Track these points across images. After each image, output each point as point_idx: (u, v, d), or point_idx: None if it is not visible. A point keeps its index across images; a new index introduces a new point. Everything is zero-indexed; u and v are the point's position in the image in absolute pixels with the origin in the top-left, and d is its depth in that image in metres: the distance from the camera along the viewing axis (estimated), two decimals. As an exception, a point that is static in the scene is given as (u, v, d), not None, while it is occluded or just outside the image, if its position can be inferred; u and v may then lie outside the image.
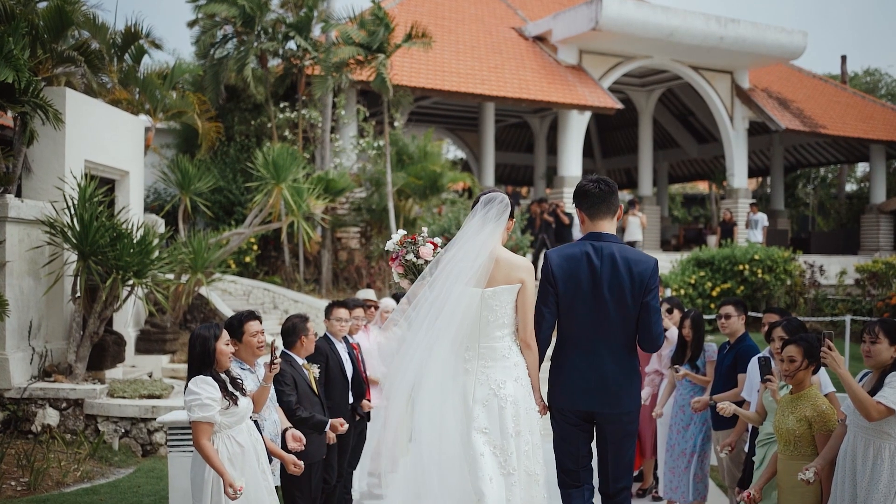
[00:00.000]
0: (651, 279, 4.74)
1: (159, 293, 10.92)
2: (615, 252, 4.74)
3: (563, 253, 4.82)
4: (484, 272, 4.51)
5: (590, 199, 4.86)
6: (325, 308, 7.18)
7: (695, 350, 7.44)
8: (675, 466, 7.44)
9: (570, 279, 4.70)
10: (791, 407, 5.19)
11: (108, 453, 9.58)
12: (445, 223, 17.39)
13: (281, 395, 6.04)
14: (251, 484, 4.94)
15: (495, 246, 4.63)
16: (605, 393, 4.72)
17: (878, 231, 28.02)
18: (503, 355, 4.60)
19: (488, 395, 4.53)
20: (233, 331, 5.35)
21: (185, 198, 14.25)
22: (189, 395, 4.75)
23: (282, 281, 17.74)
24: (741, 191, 25.67)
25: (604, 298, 4.68)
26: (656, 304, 4.83)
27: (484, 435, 4.48)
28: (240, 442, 4.93)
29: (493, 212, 4.62)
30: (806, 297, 18.13)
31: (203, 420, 4.70)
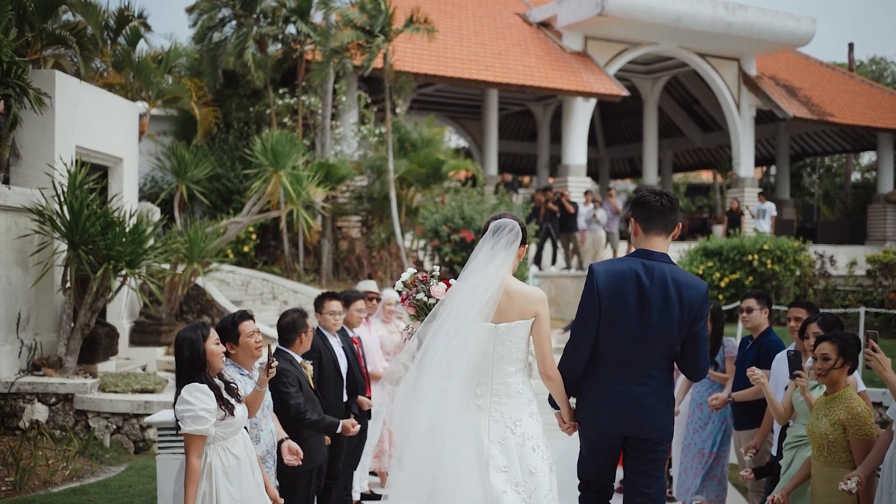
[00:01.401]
0: (702, 307, 4.42)
1: (153, 284, 10.55)
2: (667, 274, 4.41)
3: (610, 269, 4.48)
4: (493, 305, 4.24)
5: (648, 212, 4.54)
6: (314, 300, 6.73)
7: (714, 344, 7.08)
8: (691, 466, 7.09)
9: (616, 297, 4.39)
10: (825, 409, 4.82)
11: (99, 450, 9.23)
12: (448, 212, 17.01)
13: (287, 398, 5.67)
14: (248, 499, 4.59)
15: (506, 277, 4.34)
16: (640, 418, 4.42)
17: (886, 221, 27.64)
18: (517, 391, 4.33)
19: (505, 433, 4.27)
20: (227, 334, 4.96)
21: (182, 185, 13.88)
22: (182, 405, 4.37)
23: (281, 271, 17.38)
24: (747, 180, 25.32)
25: (650, 321, 4.38)
26: (705, 333, 4.52)
27: (504, 474, 4.20)
28: (235, 454, 4.57)
29: (503, 241, 4.34)
30: (816, 288, 17.74)
31: (196, 433, 4.34)
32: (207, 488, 4.43)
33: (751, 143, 25.38)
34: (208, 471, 4.44)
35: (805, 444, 5.29)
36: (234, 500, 4.48)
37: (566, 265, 20.00)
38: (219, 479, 4.45)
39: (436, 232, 16.91)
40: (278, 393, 5.68)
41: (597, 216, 19.69)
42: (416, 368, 4.31)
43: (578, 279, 19.01)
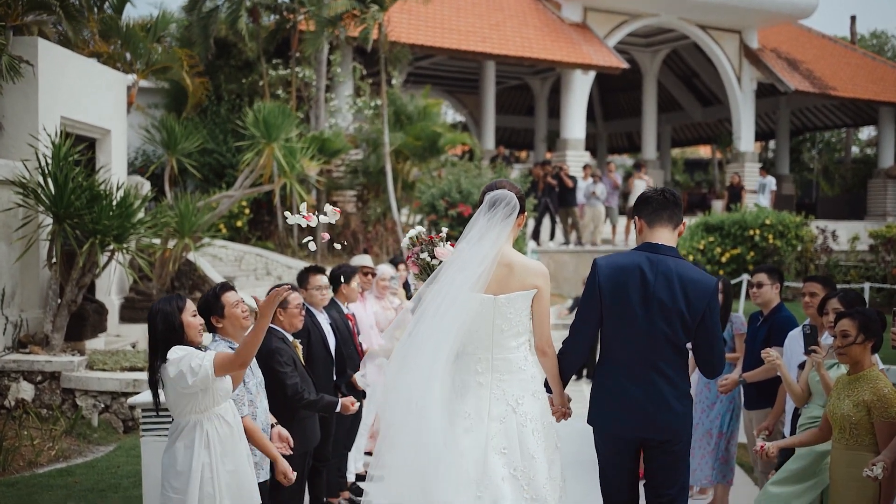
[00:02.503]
0: (710, 304, 4.23)
1: (142, 259, 10.26)
2: (672, 268, 4.23)
3: (613, 263, 4.30)
4: (487, 276, 4.04)
5: (651, 206, 4.37)
6: (297, 275, 6.41)
7: (723, 318, 6.82)
8: (698, 447, 6.83)
9: (619, 292, 4.22)
10: (847, 390, 4.56)
11: (87, 430, 8.97)
12: (446, 186, 16.72)
13: (283, 378, 5.40)
14: (240, 469, 4.36)
15: (505, 248, 4.14)
16: (655, 418, 4.22)
17: (886, 196, 27.39)
18: (519, 367, 4.12)
19: (506, 412, 4.05)
20: (211, 308, 4.68)
21: (172, 159, 13.54)
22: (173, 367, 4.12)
23: (275, 246, 17.10)
24: (747, 154, 25.03)
25: (653, 317, 4.19)
26: (718, 330, 4.32)
27: (503, 456, 3.98)
28: (228, 421, 4.33)
29: (500, 214, 4.13)
30: (817, 263, 17.52)
31: (211, 368, 4.10)
32: (207, 459, 4.21)
33: (751, 117, 25.05)
34: (206, 441, 4.22)
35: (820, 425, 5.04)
36: (228, 473, 4.28)
37: (565, 240, 19.73)
38: (216, 451, 4.23)
39: (432, 206, 16.62)
40: (273, 373, 5.41)
41: (596, 192, 19.40)
42: (405, 343, 4.09)
43: (577, 255, 18.76)
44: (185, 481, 4.17)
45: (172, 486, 4.22)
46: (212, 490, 4.20)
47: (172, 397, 4.25)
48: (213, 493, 4.20)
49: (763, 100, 27.87)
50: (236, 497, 4.31)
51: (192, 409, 4.24)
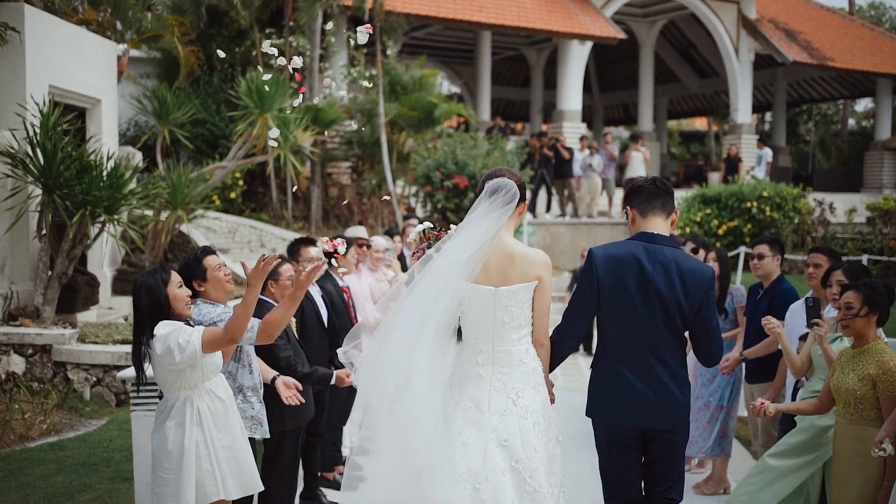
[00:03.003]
0: (708, 293, 4.20)
1: (134, 231, 10.11)
2: (669, 258, 4.19)
3: (610, 253, 4.25)
4: (476, 263, 3.96)
5: (642, 195, 4.33)
6: (287, 247, 6.28)
7: (721, 288, 6.73)
8: (696, 420, 6.75)
9: (617, 283, 4.17)
10: (852, 363, 4.46)
11: (79, 403, 8.88)
12: (441, 157, 16.57)
13: (276, 351, 5.29)
14: (237, 443, 4.27)
15: (506, 238, 4.07)
16: (657, 408, 4.19)
17: (882, 168, 27.26)
18: (520, 360, 4.04)
19: (506, 405, 3.97)
20: (192, 272, 4.56)
21: (164, 129, 13.34)
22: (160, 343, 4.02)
23: (269, 218, 16.95)
24: (744, 126, 24.86)
25: (652, 307, 4.16)
26: (716, 319, 4.30)
27: (504, 449, 3.91)
28: (220, 396, 4.23)
29: (499, 201, 4.06)
30: (814, 235, 17.45)
31: (200, 345, 4.02)
32: (200, 436, 4.11)
33: (748, 88, 24.86)
34: (198, 418, 4.13)
35: None
36: (223, 447, 4.19)
37: (561, 212, 19.62)
38: (210, 427, 4.14)
39: (428, 178, 16.49)
40: (265, 346, 5.30)
41: (592, 164, 19.26)
42: (390, 319, 4.04)
43: (573, 227, 18.66)
44: (178, 460, 4.08)
45: (164, 466, 4.12)
46: (210, 467, 4.11)
47: (160, 374, 4.15)
48: (211, 469, 4.11)
49: (760, 71, 27.66)
50: (236, 472, 4.23)
51: (182, 386, 4.14)
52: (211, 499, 4.12)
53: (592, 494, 4.85)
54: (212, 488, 4.11)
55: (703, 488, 6.71)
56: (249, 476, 4.30)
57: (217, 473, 4.12)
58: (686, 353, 4.41)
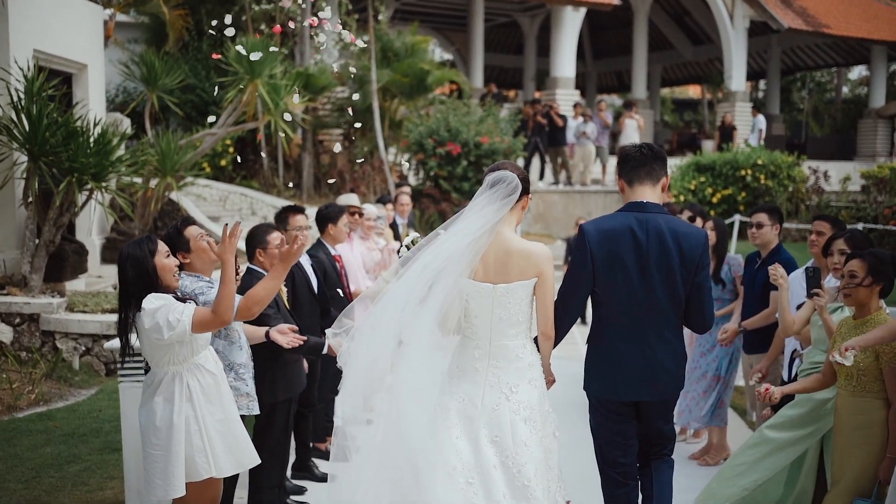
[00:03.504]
0: (703, 255, 4.18)
1: (122, 198, 9.95)
2: (662, 225, 4.14)
3: (602, 227, 4.18)
4: (470, 256, 3.88)
5: (629, 164, 4.27)
6: (275, 216, 6.14)
7: (718, 259, 6.64)
8: (691, 390, 6.70)
9: (612, 257, 4.12)
10: (854, 334, 4.37)
11: (68, 373, 8.79)
12: (434, 125, 16.40)
13: (266, 321, 5.19)
14: (230, 417, 4.17)
15: (506, 233, 3.97)
16: (654, 381, 4.21)
17: (876, 136, 27.14)
18: (516, 355, 3.99)
19: (498, 400, 3.93)
20: (174, 244, 4.41)
21: (152, 95, 13.12)
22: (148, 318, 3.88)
23: (260, 186, 16.79)
24: (739, 94, 24.67)
25: (650, 278, 4.12)
26: (709, 283, 4.28)
27: (494, 445, 3.88)
28: (210, 370, 4.12)
29: (499, 194, 3.96)
30: (808, 203, 17.37)
31: (190, 323, 3.89)
32: (190, 412, 4.00)
33: (743, 55, 24.63)
34: (188, 394, 4.01)
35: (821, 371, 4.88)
36: (217, 422, 4.08)
37: (554, 180, 19.49)
38: (200, 403, 4.02)
39: (420, 145, 16.33)
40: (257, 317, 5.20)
41: (586, 131, 19.10)
42: (379, 301, 3.96)
43: (567, 195, 18.54)
44: (167, 437, 3.97)
45: (153, 442, 4.01)
46: (201, 443, 4.01)
47: (147, 348, 4.03)
48: (202, 446, 4.01)
49: (754, 38, 27.40)
50: (231, 447, 4.12)
51: (170, 361, 4.02)
52: (202, 475, 4.02)
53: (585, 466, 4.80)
54: (203, 465, 4.01)
55: (707, 459, 6.68)
56: (245, 450, 4.21)
57: (208, 450, 4.02)
58: (682, 324, 4.35)
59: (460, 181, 16.24)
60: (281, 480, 5.53)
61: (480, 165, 16.47)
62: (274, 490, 5.40)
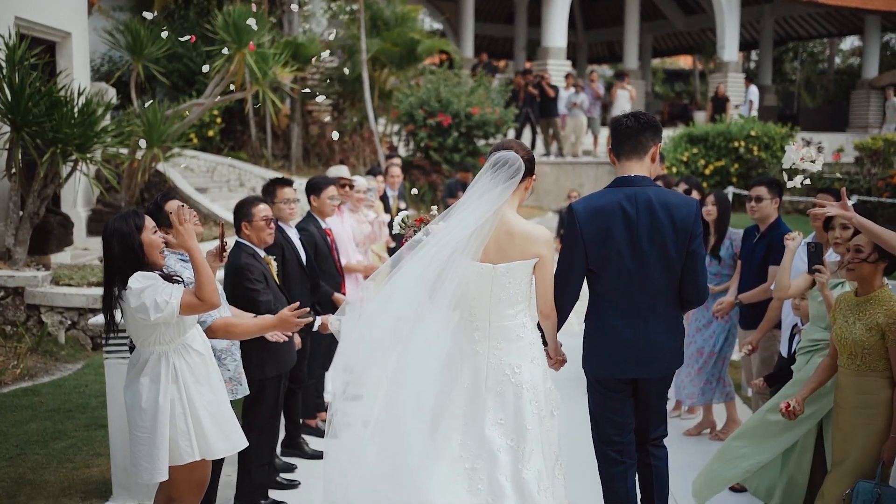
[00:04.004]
0: (695, 224, 4.11)
1: (108, 170, 9.76)
2: (652, 197, 4.07)
3: (591, 206, 4.12)
4: (478, 241, 3.81)
5: (617, 136, 4.19)
6: (262, 188, 5.99)
7: (719, 234, 6.54)
8: (687, 365, 6.60)
9: (603, 235, 4.06)
10: (857, 312, 4.27)
11: (54, 347, 8.66)
12: (424, 95, 16.21)
13: (255, 296, 5.08)
14: (220, 398, 4.04)
15: (508, 214, 3.89)
16: (652, 358, 4.16)
17: (869, 107, 27.00)
18: (517, 335, 3.92)
19: (502, 382, 3.86)
20: (155, 220, 4.25)
21: (138, 65, 12.87)
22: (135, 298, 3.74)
23: (248, 157, 16.59)
24: (731, 64, 24.46)
25: (643, 252, 4.06)
26: (702, 251, 4.20)
27: (499, 427, 3.83)
28: (198, 350, 3.98)
29: (502, 175, 3.88)
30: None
31: (176, 308, 3.75)
32: (176, 394, 3.87)
33: (736, 25, 24.40)
34: (174, 375, 3.88)
35: (821, 349, 4.78)
36: (207, 403, 3.95)
37: (545, 151, 19.34)
38: (188, 383, 3.90)
39: (411, 116, 16.15)
40: (244, 291, 5.08)
41: (579, 102, 18.92)
42: (385, 297, 3.86)
43: (558, 166, 18.39)
44: (152, 418, 3.85)
45: (138, 424, 3.88)
46: (185, 426, 3.88)
47: (133, 327, 3.89)
48: (186, 429, 3.88)
49: (747, 8, 27.17)
50: (221, 429, 3.99)
51: (156, 341, 3.88)
52: (185, 460, 3.89)
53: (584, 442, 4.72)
54: (186, 449, 3.88)
55: (720, 435, 6.62)
56: (233, 433, 4.08)
57: (192, 433, 3.89)
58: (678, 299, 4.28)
59: (451, 152, 16.07)
60: (271, 458, 5.44)
61: (471, 137, 16.30)
62: (263, 468, 5.30)
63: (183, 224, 3.81)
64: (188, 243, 3.81)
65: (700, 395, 6.64)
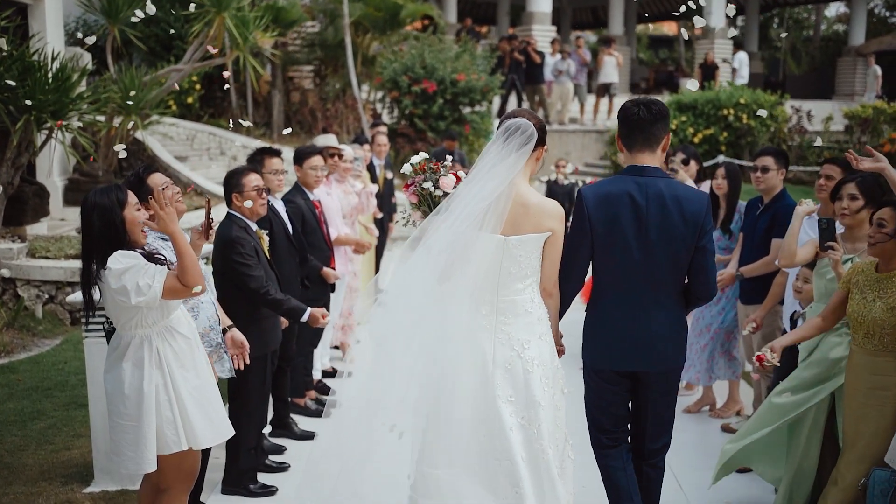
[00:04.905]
0: (706, 219, 3.96)
1: (84, 138, 9.43)
2: (663, 189, 3.92)
3: (600, 192, 3.96)
4: (495, 214, 3.67)
5: (627, 126, 3.98)
6: (248, 158, 5.70)
7: (729, 208, 6.33)
8: (695, 342, 6.45)
9: (611, 223, 3.92)
10: (877, 289, 4.07)
11: (31, 322, 8.39)
12: (409, 61, 15.87)
13: (246, 271, 4.84)
14: (206, 384, 3.81)
15: (522, 186, 3.74)
16: (653, 351, 4.00)
17: (855, 75, 26.83)
18: (525, 310, 3.77)
19: (511, 358, 3.70)
20: (136, 192, 3.97)
21: (114, 28, 12.47)
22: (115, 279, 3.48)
23: (228, 124, 16.23)
24: (718, 31, 24.16)
25: (651, 244, 3.91)
26: (712, 246, 4.06)
27: (510, 404, 3.67)
28: (183, 333, 3.73)
29: (515, 143, 3.71)
30: (790, 144, 17.10)
31: (160, 292, 3.50)
32: (160, 380, 3.63)
33: (722, -10, 24.11)
34: (157, 360, 3.64)
35: (831, 329, 4.59)
36: (193, 388, 3.71)
37: (531, 119, 19.03)
38: (172, 369, 3.66)
39: (395, 83, 15.82)
40: (233, 264, 4.84)
41: (565, 69, 18.62)
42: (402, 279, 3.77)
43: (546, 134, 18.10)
44: (137, 405, 3.60)
45: (121, 412, 3.64)
46: (171, 414, 3.64)
47: (113, 310, 3.64)
48: (172, 417, 3.64)
49: (734, -27, 26.92)
50: (207, 417, 3.75)
51: (138, 324, 3.63)
52: (172, 449, 3.66)
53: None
54: (172, 438, 3.65)
55: (720, 413, 6.53)
56: (220, 421, 3.85)
57: (179, 421, 3.66)
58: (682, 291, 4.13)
59: (436, 120, 15.78)
60: (258, 441, 5.23)
61: (457, 104, 16.01)
62: (250, 452, 5.09)
63: (164, 209, 3.54)
64: (170, 227, 3.56)
65: (706, 374, 6.50)
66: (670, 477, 5.06)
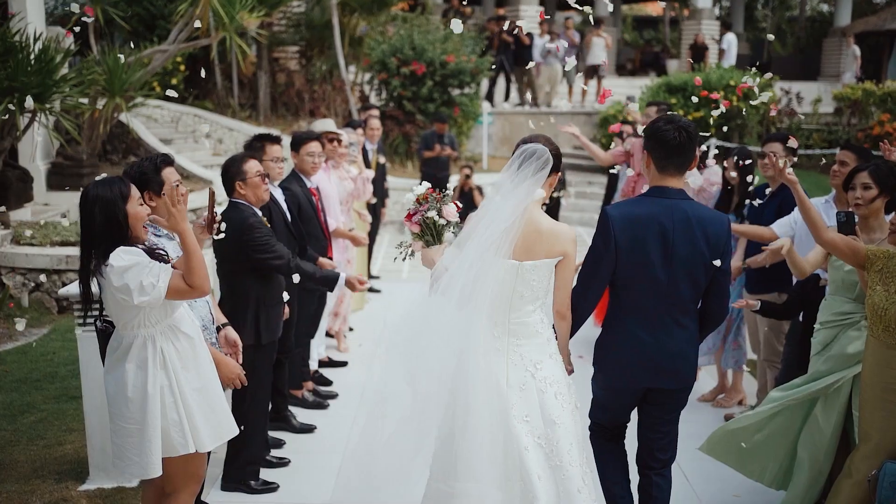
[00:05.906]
0: (727, 241, 4.00)
1: (68, 121, 9.20)
2: (688, 212, 3.92)
3: (627, 214, 3.94)
4: (508, 240, 3.68)
5: (665, 149, 3.91)
6: (246, 145, 5.54)
7: (742, 196, 6.22)
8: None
9: (636, 243, 3.90)
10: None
11: (17, 311, 8.19)
12: (398, 42, 15.65)
13: (268, 250, 4.78)
14: (208, 385, 3.66)
15: (535, 213, 3.76)
16: (672, 369, 4.00)
17: (841, 56, 26.75)
18: (536, 331, 3.81)
19: (525, 378, 3.73)
20: (149, 182, 3.82)
21: (96, 8, 12.20)
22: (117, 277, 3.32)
23: (214, 106, 15.98)
24: (705, 11, 24.05)
25: (675, 266, 3.92)
26: (729, 267, 4.08)
27: (525, 424, 3.67)
28: (187, 332, 3.58)
29: (531, 169, 3.72)
30: (779, 126, 17.01)
31: (164, 290, 3.36)
32: (165, 381, 3.49)
33: (708, -31, 23.99)
34: (162, 360, 3.49)
35: (851, 322, 4.49)
36: (195, 391, 3.57)
37: (520, 101, 18.90)
38: (176, 370, 3.51)
39: (383, 64, 15.62)
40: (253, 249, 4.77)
41: (553, 50, 18.44)
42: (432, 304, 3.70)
43: (534, 117, 17.96)
44: (141, 408, 3.45)
45: (125, 415, 3.48)
46: (177, 416, 3.50)
47: (113, 308, 3.47)
48: (178, 419, 3.50)
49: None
50: (210, 419, 3.61)
51: (141, 323, 3.48)
52: (179, 452, 3.52)
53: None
54: (179, 440, 3.51)
55: (722, 402, 6.49)
56: (224, 421, 3.71)
57: (185, 423, 3.51)
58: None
59: (425, 102, 15.59)
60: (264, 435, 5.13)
61: (446, 86, 15.82)
62: (255, 445, 4.99)
63: (176, 206, 3.38)
64: (180, 226, 3.40)
65: (723, 361, 6.45)
66: (676, 469, 4.99)
